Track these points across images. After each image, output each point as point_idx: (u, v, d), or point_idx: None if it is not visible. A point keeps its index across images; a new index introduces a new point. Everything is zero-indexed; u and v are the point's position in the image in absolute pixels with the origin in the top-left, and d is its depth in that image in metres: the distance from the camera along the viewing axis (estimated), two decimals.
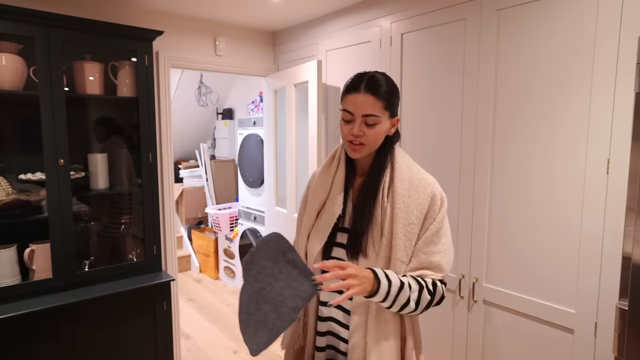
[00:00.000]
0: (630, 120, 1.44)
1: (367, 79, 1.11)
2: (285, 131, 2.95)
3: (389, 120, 1.14)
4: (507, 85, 1.81)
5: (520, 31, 1.75)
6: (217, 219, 4.31)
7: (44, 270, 2.09)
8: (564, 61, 1.63)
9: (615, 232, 1.51)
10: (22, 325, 1.90)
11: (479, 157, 1.92)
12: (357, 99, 1.10)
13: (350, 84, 1.13)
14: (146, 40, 2.25)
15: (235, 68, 3.03)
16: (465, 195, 1.98)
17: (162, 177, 2.68)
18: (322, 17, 2.75)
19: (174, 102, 4.74)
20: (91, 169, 2.29)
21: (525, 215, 1.78)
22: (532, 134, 1.74)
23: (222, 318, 3.63)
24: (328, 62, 2.71)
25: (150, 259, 2.35)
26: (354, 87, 1.11)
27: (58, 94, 2.00)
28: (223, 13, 2.70)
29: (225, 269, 4.43)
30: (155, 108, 2.32)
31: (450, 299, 2.09)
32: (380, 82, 1.11)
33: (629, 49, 1.45)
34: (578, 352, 1.65)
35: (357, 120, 1.10)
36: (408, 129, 2.23)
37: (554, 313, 1.71)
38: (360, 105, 1.09)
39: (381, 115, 1.10)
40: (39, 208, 2.13)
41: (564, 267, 1.67)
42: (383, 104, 1.10)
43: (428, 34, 2.11)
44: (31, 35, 1.93)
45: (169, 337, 2.32)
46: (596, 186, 1.56)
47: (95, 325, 2.09)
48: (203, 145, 4.94)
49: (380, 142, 1.16)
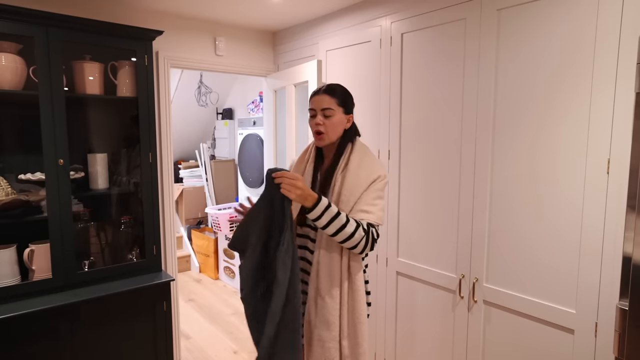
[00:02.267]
0: (631, 120, 1.44)
1: (327, 85, 1.53)
2: (285, 131, 2.95)
3: (344, 116, 1.52)
4: (507, 84, 1.81)
5: (520, 31, 1.75)
6: (217, 219, 4.31)
7: (44, 270, 2.09)
8: (564, 61, 1.63)
9: (615, 232, 1.51)
10: (22, 326, 1.90)
11: (479, 157, 1.92)
12: (317, 98, 1.51)
13: (315, 90, 1.54)
14: (146, 40, 2.24)
15: (235, 68, 3.03)
16: (465, 195, 1.98)
17: (162, 177, 2.68)
18: (322, 17, 2.75)
19: (174, 102, 4.74)
20: (91, 169, 2.29)
21: (526, 215, 1.78)
22: (532, 134, 1.74)
23: (222, 318, 3.63)
24: (328, 62, 2.71)
25: (150, 259, 2.35)
26: (316, 92, 1.54)
27: (58, 93, 2.00)
28: (223, 13, 2.70)
29: (225, 269, 4.43)
30: (155, 108, 2.32)
31: (450, 299, 2.08)
32: (335, 87, 1.53)
33: (629, 48, 1.45)
34: (578, 352, 1.65)
35: (318, 114, 1.50)
36: (408, 129, 2.23)
37: (554, 313, 1.71)
38: (319, 102, 1.50)
39: (335, 109, 1.49)
40: (38, 208, 2.13)
41: (564, 267, 1.67)
42: (337, 101, 1.50)
43: (428, 34, 2.10)
44: (31, 35, 1.92)
45: (168, 338, 2.32)
46: (596, 186, 1.56)
47: (95, 325, 2.09)
48: (203, 145, 4.94)
49: (339, 133, 1.52)
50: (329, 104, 1.48)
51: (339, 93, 1.51)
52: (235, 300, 4.00)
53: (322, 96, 1.50)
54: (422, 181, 2.18)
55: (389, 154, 2.33)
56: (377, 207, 1.47)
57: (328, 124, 1.48)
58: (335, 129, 1.50)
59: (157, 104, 2.60)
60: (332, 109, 1.48)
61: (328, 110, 1.48)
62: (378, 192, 1.47)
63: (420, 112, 2.17)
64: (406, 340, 2.33)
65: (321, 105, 1.49)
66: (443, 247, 2.11)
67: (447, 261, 2.09)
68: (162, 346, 2.29)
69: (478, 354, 1.98)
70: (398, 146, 2.28)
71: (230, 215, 4.29)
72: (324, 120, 1.48)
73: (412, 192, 2.23)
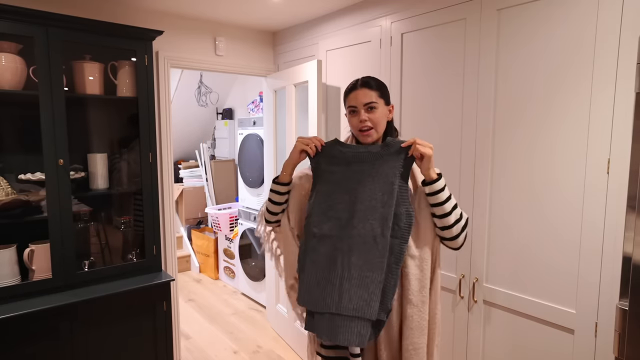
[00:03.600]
0: (631, 121, 1.44)
1: (361, 79, 1.43)
2: (285, 131, 2.95)
3: (385, 107, 1.43)
4: (507, 84, 1.81)
5: (520, 31, 1.75)
6: (217, 219, 4.31)
7: (44, 271, 2.09)
8: (564, 61, 1.63)
9: (615, 232, 1.51)
10: (22, 326, 1.90)
11: (479, 157, 1.92)
12: (357, 94, 1.41)
13: (349, 87, 1.45)
14: (146, 40, 2.24)
15: (235, 68, 3.03)
16: (465, 195, 1.98)
17: (162, 177, 2.68)
18: (322, 17, 2.75)
19: (174, 102, 4.74)
20: (91, 169, 2.29)
21: (526, 216, 1.78)
22: (532, 134, 1.74)
23: (222, 318, 3.63)
24: (328, 62, 2.71)
25: (150, 259, 2.35)
26: (352, 88, 1.43)
27: (58, 93, 2.00)
28: (223, 13, 2.70)
29: (225, 269, 4.43)
30: (155, 108, 2.32)
31: (450, 299, 2.08)
32: (370, 79, 1.44)
33: (629, 48, 1.45)
34: (578, 352, 1.65)
35: (360, 110, 1.40)
36: (408, 129, 2.23)
37: (554, 313, 1.71)
38: (361, 97, 1.40)
39: (377, 101, 1.40)
40: (38, 208, 2.13)
41: (564, 267, 1.67)
42: (377, 93, 1.40)
43: (428, 34, 2.10)
44: (31, 35, 1.92)
45: (168, 338, 2.32)
46: (596, 186, 1.56)
47: (95, 325, 2.09)
48: (203, 145, 4.94)
49: (384, 127, 1.43)
50: (371, 97, 1.39)
51: (377, 85, 1.42)
52: (235, 300, 4.00)
53: (361, 91, 1.40)
54: None
55: None
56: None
57: (374, 118, 1.39)
58: (381, 123, 1.41)
59: (157, 104, 2.60)
60: (375, 102, 1.39)
61: (371, 104, 1.39)
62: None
63: (420, 112, 2.17)
64: None
65: (363, 100, 1.39)
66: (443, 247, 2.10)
67: (447, 261, 2.09)
68: (162, 346, 2.29)
69: (478, 353, 1.98)
70: None
71: (231, 215, 4.29)
72: (369, 115, 1.39)
73: None
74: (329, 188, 1.39)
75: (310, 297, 1.36)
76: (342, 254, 1.32)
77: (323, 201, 1.38)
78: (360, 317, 1.28)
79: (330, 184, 1.39)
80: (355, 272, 1.30)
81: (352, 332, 1.28)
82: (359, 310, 1.28)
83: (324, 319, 1.32)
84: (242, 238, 4.08)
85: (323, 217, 1.37)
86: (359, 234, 1.31)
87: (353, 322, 1.28)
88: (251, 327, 3.43)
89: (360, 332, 1.28)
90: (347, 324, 1.28)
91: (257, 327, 3.44)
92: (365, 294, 1.28)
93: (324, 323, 1.32)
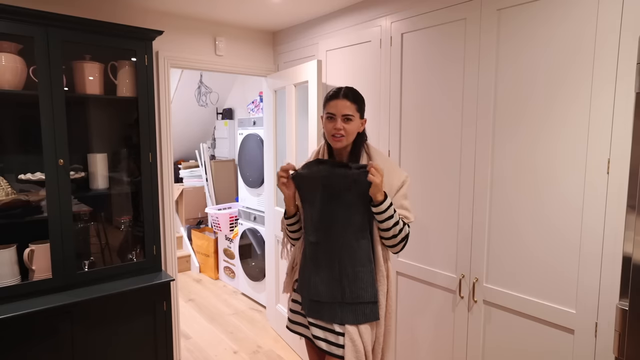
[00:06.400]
0: (631, 121, 1.44)
1: (344, 90, 1.60)
2: (285, 131, 2.95)
3: (359, 120, 1.62)
4: (507, 84, 1.81)
5: (520, 31, 1.75)
6: (217, 219, 4.31)
7: (44, 271, 2.09)
8: (564, 61, 1.63)
9: (615, 232, 1.51)
10: (22, 326, 1.90)
11: (479, 157, 1.92)
12: (337, 103, 1.58)
13: (331, 94, 1.61)
14: (146, 40, 2.24)
15: (235, 68, 3.03)
16: (465, 195, 1.98)
17: (162, 177, 2.68)
18: (322, 17, 2.75)
19: (174, 102, 4.74)
20: (91, 169, 2.29)
21: (526, 216, 1.78)
22: (532, 134, 1.74)
23: (222, 318, 3.63)
24: (328, 62, 2.71)
25: (150, 259, 2.35)
26: (334, 96, 1.60)
27: (58, 93, 2.00)
28: (223, 13, 2.70)
29: (225, 269, 4.43)
30: (155, 108, 2.32)
31: (450, 299, 2.08)
32: (352, 92, 1.61)
33: (629, 48, 1.45)
34: (578, 352, 1.65)
35: (338, 118, 1.57)
36: (408, 128, 2.23)
37: (554, 313, 1.71)
38: (341, 108, 1.57)
39: (354, 114, 1.58)
40: (38, 208, 2.13)
41: (564, 268, 1.67)
42: (355, 107, 1.59)
43: (428, 34, 2.10)
44: (31, 35, 1.92)
45: (168, 337, 2.32)
46: (596, 186, 1.56)
47: (95, 325, 2.09)
48: (203, 145, 4.94)
49: (354, 136, 1.62)
50: (350, 110, 1.57)
51: (357, 99, 1.61)
52: (235, 300, 4.00)
53: (342, 102, 1.57)
54: (422, 181, 2.18)
55: (389, 153, 2.33)
56: (410, 207, 1.65)
57: (347, 128, 1.57)
58: (352, 133, 1.60)
59: (157, 103, 2.60)
60: (352, 115, 1.58)
61: (349, 115, 1.57)
62: (406, 193, 1.66)
63: (420, 112, 2.17)
64: (406, 340, 2.33)
65: (342, 111, 1.56)
66: (443, 247, 2.11)
67: (447, 261, 2.09)
68: (162, 346, 2.29)
69: (478, 354, 1.98)
70: (398, 146, 2.28)
71: (231, 215, 4.29)
72: (344, 125, 1.57)
73: (411, 192, 2.23)
74: (312, 209, 1.65)
75: (314, 290, 1.67)
76: (335, 256, 1.62)
77: (310, 218, 1.66)
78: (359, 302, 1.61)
79: (313, 206, 1.64)
80: (350, 269, 1.59)
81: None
82: (359, 297, 1.60)
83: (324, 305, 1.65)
84: (242, 238, 4.08)
85: (313, 229, 1.65)
86: (344, 242, 1.60)
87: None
88: (251, 327, 3.43)
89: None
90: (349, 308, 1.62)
91: (257, 327, 3.44)
92: (362, 284, 1.60)
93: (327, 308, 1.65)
